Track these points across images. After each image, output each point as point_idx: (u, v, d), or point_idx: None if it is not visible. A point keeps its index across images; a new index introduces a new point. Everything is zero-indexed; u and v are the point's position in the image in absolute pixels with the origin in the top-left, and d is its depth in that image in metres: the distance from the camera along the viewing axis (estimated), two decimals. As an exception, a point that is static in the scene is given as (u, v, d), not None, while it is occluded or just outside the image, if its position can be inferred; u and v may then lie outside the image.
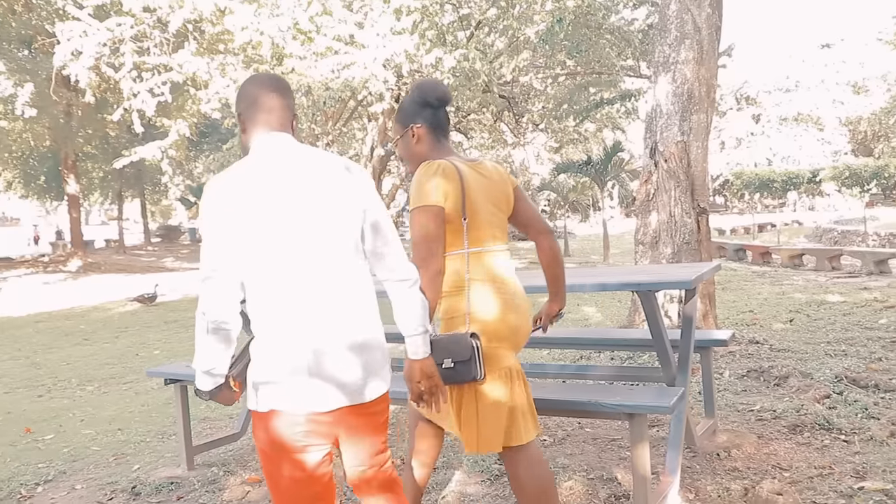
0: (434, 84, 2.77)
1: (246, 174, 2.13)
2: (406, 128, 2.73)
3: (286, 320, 2.08)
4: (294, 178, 2.14)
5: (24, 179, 35.67)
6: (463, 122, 23.28)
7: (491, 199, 2.68)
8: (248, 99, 2.27)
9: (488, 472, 3.98)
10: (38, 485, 4.36)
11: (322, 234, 2.13)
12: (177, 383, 4.30)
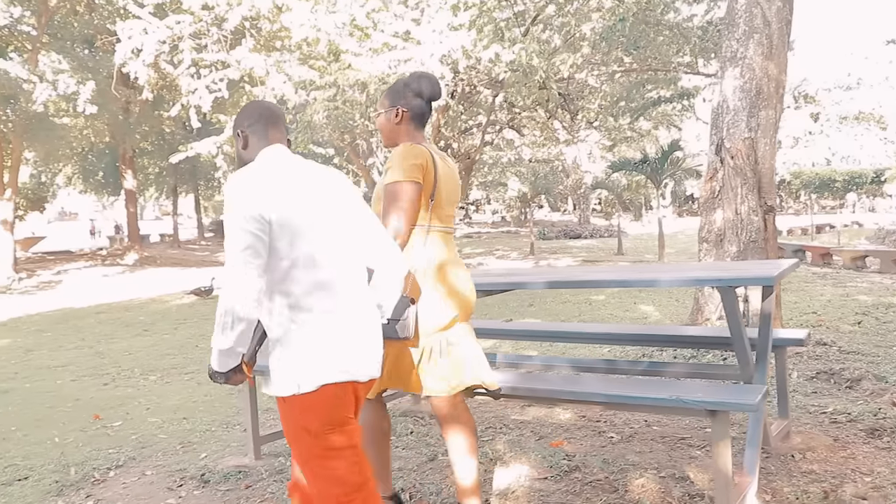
0: (431, 80, 3.06)
1: (269, 174, 2.36)
2: (393, 106, 3.04)
3: (323, 301, 2.30)
4: (308, 177, 2.42)
5: (83, 175, 36.46)
6: (516, 119, 23.20)
7: (452, 188, 3.05)
8: (255, 116, 2.54)
9: (557, 468, 3.94)
10: (110, 469, 4.42)
11: (337, 224, 2.42)
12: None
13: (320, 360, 2.27)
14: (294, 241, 2.28)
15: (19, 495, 4.07)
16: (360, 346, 2.37)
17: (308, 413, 2.26)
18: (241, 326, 2.20)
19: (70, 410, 5.99)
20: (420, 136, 3.05)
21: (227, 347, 2.23)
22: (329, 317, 2.30)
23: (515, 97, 14.27)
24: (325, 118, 13.91)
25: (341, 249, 2.41)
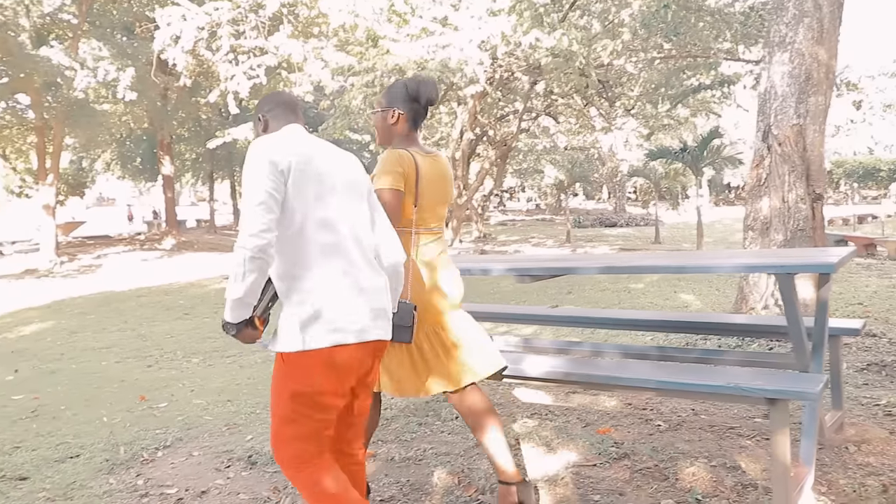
0: (429, 85, 3.14)
1: (289, 140, 2.46)
2: (390, 107, 3.13)
3: (333, 263, 2.38)
4: (326, 152, 2.52)
5: (121, 161, 36.90)
6: (553, 107, 23.07)
7: (438, 190, 3.12)
8: (275, 103, 2.67)
9: (606, 455, 3.91)
10: (158, 449, 4.47)
11: (351, 198, 2.52)
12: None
13: (326, 321, 2.32)
14: (309, 203, 2.37)
15: (72, 472, 4.13)
16: (368, 310, 2.41)
17: (304, 371, 2.33)
18: (253, 276, 2.25)
19: (116, 391, 6.07)
20: (413, 137, 3.16)
21: (239, 297, 2.28)
22: (338, 279, 2.37)
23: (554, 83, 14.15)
24: (363, 103, 13.88)
25: (354, 219, 2.50)
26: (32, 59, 17.62)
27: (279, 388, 2.40)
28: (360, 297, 2.39)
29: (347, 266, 2.40)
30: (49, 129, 21.13)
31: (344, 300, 2.35)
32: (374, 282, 2.48)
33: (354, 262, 2.42)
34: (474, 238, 24.90)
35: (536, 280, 3.83)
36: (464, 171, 22.05)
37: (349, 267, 2.40)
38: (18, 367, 7.29)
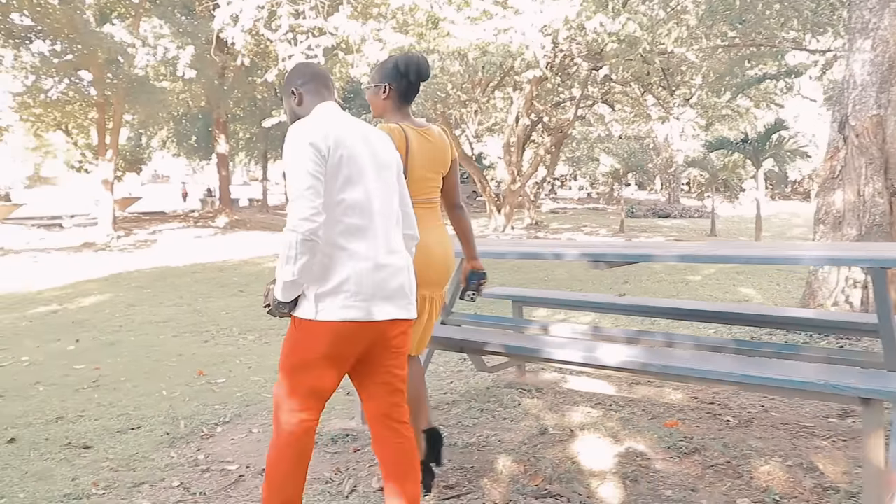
0: (419, 62, 3.22)
1: (326, 123, 2.53)
2: (381, 83, 3.23)
3: (358, 243, 2.50)
4: (360, 132, 2.61)
5: (177, 139, 37.37)
6: (609, 94, 22.74)
7: (430, 162, 3.20)
8: (309, 75, 2.73)
9: (676, 449, 3.80)
10: (217, 425, 4.46)
11: (382, 178, 2.62)
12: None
13: (339, 296, 2.46)
14: (344, 186, 2.49)
15: (134, 443, 4.13)
16: (384, 291, 2.53)
17: (312, 338, 2.49)
18: (304, 259, 2.37)
19: (175, 365, 6.09)
20: (404, 111, 3.26)
21: (292, 279, 2.40)
22: (359, 260, 2.49)
23: (616, 70, 13.89)
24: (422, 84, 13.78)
25: (382, 201, 2.61)
26: (97, 36, 17.87)
27: (289, 351, 2.58)
28: (377, 278, 2.52)
29: (370, 248, 2.52)
30: (110, 105, 21.42)
31: (360, 281, 2.48)
32: (396, 262, 2.60)
33: (377, 244, 2.55)
34: (526, 225, 24.73)
35: (612, 266, 3.71)
36: (518, 157, 21.85)
37: (371, 249, 2.52)
38: (79, 338, 7.37)
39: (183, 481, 3.58)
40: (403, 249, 2.69)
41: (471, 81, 19.01)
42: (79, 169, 31.70)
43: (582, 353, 3.33)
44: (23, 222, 26.42)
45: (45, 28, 19.64)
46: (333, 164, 2.46)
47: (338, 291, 2.46)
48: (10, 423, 4.61)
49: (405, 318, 2.63)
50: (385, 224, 2.60)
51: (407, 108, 3.27)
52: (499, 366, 5.19)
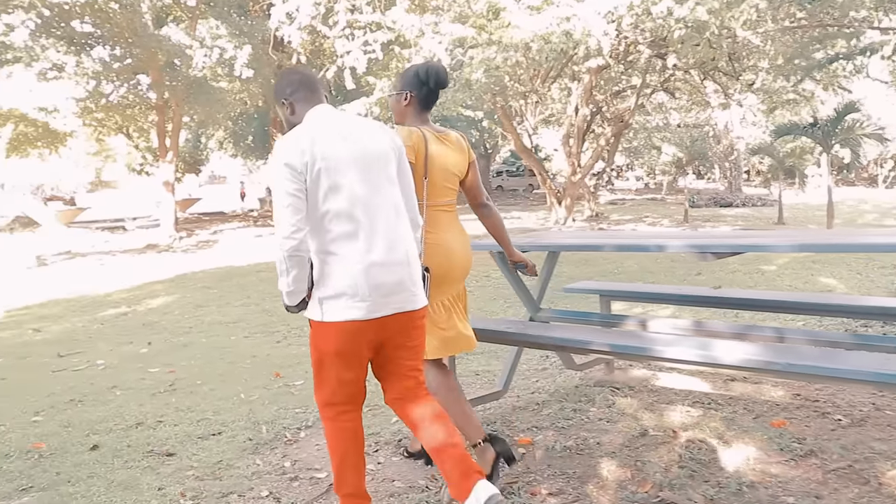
0: (439, 70, 3.36)
1: (308, 136, 2.65)
2: (403, 90, 3.37)
3: (351, 247, 2.65)
4: (350, 134, 2.73)
5: (233, 139, 37.73)
6: (669, 82, 22.25)
7: (448, 165, 3.34)
8: (296, 83, 2.87)
9: (789, 451, 3.54)
10: (300, 429, 4.32)
11: (372, 174, 2.73)
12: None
13: (339, 299, 2.63)
14: (328, 196, 2.62)
15: (217, 450, 4.01)
16: (384, 288, 2.67)
17: (323, 337, 2.71)
18: (294, 272, 2.61)
19: (250, 367, 5.98)
20: (423, 117, 3.41)
21: (289, 290, 2.66)
22: (354, 263, 2.64)
23: (683, 56, 13.46)
24: (484, 76, 13.55)
25: (376, 203, 2.72)
26: (156, 39, 18.02)
27: (311, 347, 2.82)
28: (373, 278, 2.65)
29: (361, 250, 2.66)
30: (169, 107, 21.63)
31: (356, 283, 2.63)
32: (394, 257, 2.72)
33: (373, 244, 2.68)
34: (586, 217, 24.33)
35: (719, 258, 3.46)
36: (578, 148, 21.48)
37: (363, 251, 2.66)
38: (151, 340, 7.33)
39: (272, 491, 3.44)
40: (405, 242, 2.80)
41: (528, 72, 18.73)
42: (139, 172, 32.18)
43: (696, 351, 3.08)
44: (87, 226, 26.94)
45: (105, 33, 19.90)
46: (313, 179, 2.61)
47: (339, 295, 2.64)
48: (90, 428, 4.53)
49: (409, 310, 2.77)
50: (378, 222, 2.72)
51: (426, 115, 3.43)
52: (588, 363, 4.97)
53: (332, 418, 2.85)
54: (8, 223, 27.75)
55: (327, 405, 2.85)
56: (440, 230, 3.30)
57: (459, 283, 3.42)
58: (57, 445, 4.24)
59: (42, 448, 4.21)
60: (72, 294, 11.24)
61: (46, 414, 4.95)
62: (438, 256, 3.21)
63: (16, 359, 6.86)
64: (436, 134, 3.36)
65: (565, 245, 4.23)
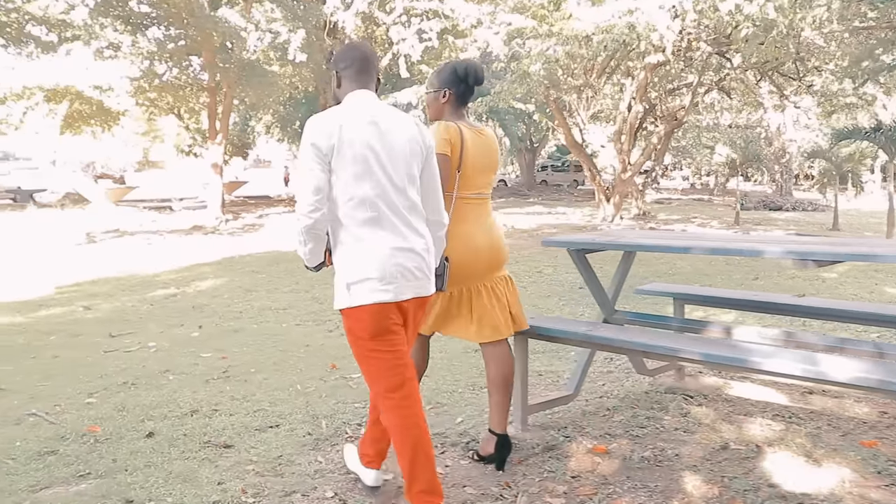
0: (476, 68, 3.47)
1: (341, 119, 2.72)
2: (441, 87, 3.46)
3: (374, 233, 2.73)
4: (375, 124, 2.76)
5: (281, 124, 37.78)
6: (725, 81, 21.79)
7: (483, 159, 3.43)
8: (349, 60, 2.90)
9: (888, 475, 3.32)
10: (361, 426, 4.15)
11: (398, 166, 2.78)
12: (521, 335, 3.88)
13: (366, 283, 2.71)
14: (354, 182, 2.70)
15: (276, 444, 3.86)
16: (406, 273, 2.76)
17: (357, 322, 2.77)
18: (311, 244, 2.75)
19: (304, 356, 5.84)
20: (459, 114, 3.50)
21: (307, 257, 2.82)
22: (379, 248, 2.72)
23: (747, 55, 13.05)
24: (543, 69, 13.29)
25: (397, 189, 2.78)
26: (212, 20, 18.01)
27: (349, 338, 2.87)
28: (397, 263, 2.74)
29: (388, 235, 2.74)
30: (220, 89, 21.64)
31: (382, 267, 2.71)
32: (414, 245, 2.80)
33: (396, 230, 2.76)
34: (633, 215, 23.92)
35: (820, 266, 3.23)
36: (629, 146, 21.11)
37: (389, 235, 2.74)
38: (202, 324, 7.24)
39: (337, 491, 3.28)
40: (423, 232, 2.88)
41: (583, 66, 18.41)
42: (188, 153, 32.36)
43: (801, 365, 2.85)
44: (134, 204, 27.14)
45: (161, 13, 19.97)
46: (339, 163, 2.68)
47: (364, 279, 2.71)
48: (145, 414, 4.42)
49: (424, 295, 2.89)
50: (397, 212, 2.78)
51: (462, 111, 3.52)
52: (659, 368, 4.76)
53: (396, 406, 2.84)
54: (59, 199, 28.10)
55: (385, 393, 2.86)
56: (467, 222, 3.40)
57: (489, 273, 3.50)
58: (112, 430, 4.13)
59: (97, 432, 4.10)
60: (121, 272, 11.22)
61: (100, 396, 4.86)
62: (460, 247, 3.31)
63: (68, 336, 6.80)
64: (471, 128, 3.45)
65: (647, 245, 4.00)
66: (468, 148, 3.34)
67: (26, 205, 26.38)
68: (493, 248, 3.47)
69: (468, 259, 3.35)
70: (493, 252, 3.47)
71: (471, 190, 3.41)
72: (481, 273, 3.45)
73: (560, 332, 3.85)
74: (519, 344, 3.90)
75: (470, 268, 3.38)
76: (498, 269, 3.53)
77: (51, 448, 3.87)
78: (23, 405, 4.70)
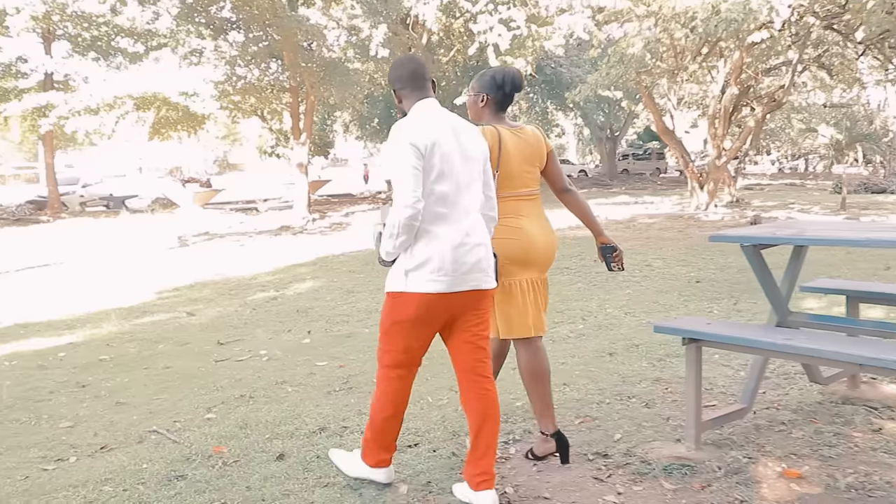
0: (517, 77, 3.55)
1: (425, 125, 2.92)
2: (481, 92, 3.58)
3: (440, 228, 2.91)
4: (452, 130, 2.98)
5: (359, 122, 37.78)
6: (824, 56, 20.74)
7: (524, 157, 3.51)
8: (404, 80, 3.09)
9: None
10: (508, 444, 3.77)
11: (468, 168, 3.00)
12: (695, 343, 3.43)
13: (424, 272, 2.89)
14: (437, 180, 2.89)
15: (421, 468, 3.50)
16: (465, 267, 2.93)
17: (403, 307, 2.97)
18: (403, 237, 2.88)
19: (427, 364, 5.21)
20: (499, 117, 3.59)
21: (392, 252, 2.95)
22: (443, 241, 2.90)
23: (873, 26, 12.17)
24: (644, 50, 12.68)
25: (466, 190, 2.99)
26: (296, 19, 17.91)
27: (384, 317, 3.11)
28: (456, 256, 2.91)
29: (453, 231, 2.93)
30: (302, 89, 21.57)
31: (443, 259, 2.89)
32: (474, 240, 2.98)
33: (461, 227, 2.95)
34: (726, 203, 23.00)
35: None
36: (724, 131, 20.24)
37: (455, 231, 2.93)
38: (310, 329, 6.97)
39: (504, 526, 2.89)
40: (482, 230, 3.06)
41: (673, 50, 17.68)
42: (270, 154, 32.55)
43: None
44: (220, 207, 27.40)
45: (244, 17, 20.01)
46: (430, 162, 2.88)
47: (423, 268, 2.90)
48: (271, 432, 4.11)
49: (483, 288, 3.04)
50: (466, 210, 2.99)
51: (501, 115, 3.60)
52: (834, 376, 4.23)
53: (388, 379, 3.18)
54: (148, 204, 28.57)
55: (391, 366, 3.15)
56: (512, 219, 3.45)
57: (538, 269, 3.54)
58: (239, 451, 3.84)
59: (224, 453, 3.81)
60: (217, 276, 11.11)
61: (219, 411, 4.59)
62: (505, 243, 3.38)
63: (176, 345, 6.62)
64: (510, 129, 3.54)
65: (841, 240, 3.50)
66: (507, 149, 3.45)
67: (119, 211, 26.88)
68: (547, 245, 3.54)
69: (520, 255, 3.44)
70: (547, 249, 3.55)
71: (516, 189, 3.50)
72: (534, 269, 3.51)
73: (735, 340, 3.37)
74: (691, 352, 3.45)
75: (523, 263, 3.46)
76: (543, 269, 3.57)
77: (179, 471, 3.59)
78: (143, 421, 4.48)
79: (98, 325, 7.67)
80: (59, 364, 6.07)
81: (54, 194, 26.45)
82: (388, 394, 3.17)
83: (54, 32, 24.70)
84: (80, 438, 4.24)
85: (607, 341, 5.87)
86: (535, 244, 3.46)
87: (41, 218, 24.24)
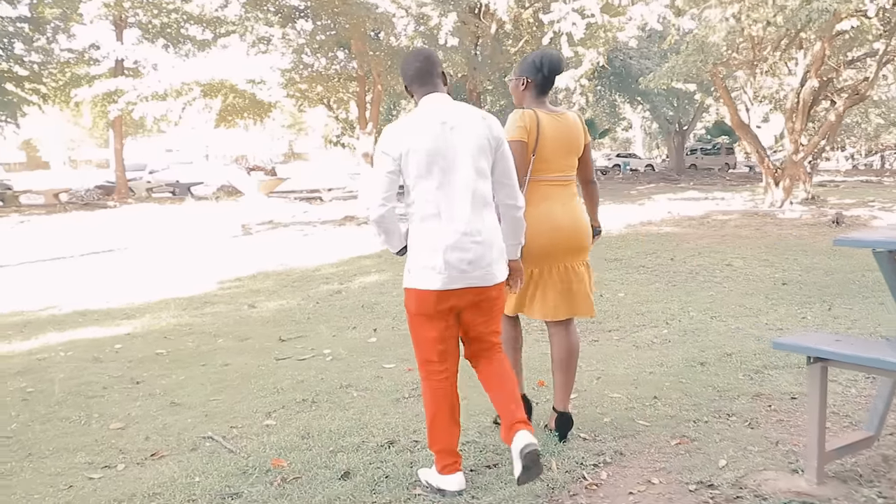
0: (555, 60, 3.63)
1: (411, 124, 3.06)
2: (521, 76, 3.66)
3: (438, 225, 3.01)
4: (442, 126, 3.03)
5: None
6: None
7: (562, 142, 3.60)
8: (409, 74, 3.20)
9: None
10: (598, 466, 3.37)
11: (464, 163, 3.02)
12: (820, 363, 2.98)
13: (421, 270, 3.01)
14: (419, 181, 2.99)
15: (500, 493, 3.10)
16: (460, 265, 2.98)
17: (409, 300, 3.12)
18: (382, 236, 3.13)
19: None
20: (540, 101, 3.65)
21: (384, 246, 3.24)
22: (437, 240, 2.98)
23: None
24: (726, 38, 12.05)
25: (463, 185, 3.01)
26: (365, 7, 17.68)
27: (407, 311, 3.18)
28: (453, 254, 2.97)
29: (446, 229, 2.98)
30: (369, 78, 21.35)
31: (435, 256, 2.97)
32: (474, 237, 3.00)
33: (456, 226, 2.98)
34: (801, 200, 22.08)
35: None
36: (802, 125, 19.36)
37: (448, 230, 2.98)
38: (376, 327, 6.66)
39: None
40: (488, 226, 3.07)
41: (749, 40, 16.93)
42: (336, 143, 32.49)
43: None
44: (285, 196, 27.42)
45: (312, 4, 19.85)
46: (406, 165, 2.97)
47: (420, 266, 3.00)
48: (334, 444, 3.77)
49: (483, 285, 3.05)
50: (463, 206, 3.00)
51: (543, 98, 3.66)
52: None
53: (426, 377, 3.19)
54: (213, 192, 28.75)
55: (423, 363, 3.19)
56: (547, 203, 3.55)
57: (571, 255, 3.62)
58: (300, 465, 3.50)
59: (283, 467, 3.49)
60: (280, 266, 10.88)
61: (279, 416, 4.29)
62: (538, 227, 3.47)
63: (236, 340, 6.37)
64: (550, 113, 3.59)
65: None
66: (545, 133, 3.51)
67: (184, 197, 27.10)
68: (575, 229, 3.60)
69: (545, 240, 3.51)
70: (575, 234, 3.60)
71: (552, 172, 3.58)
72: (560, 254, 3.59)
73: (874, 363, 2.90)
74: (815, 373, 3.00)
75: (547, 248, 3.53)
76: (579, 253, 3.65)
77: (234, 488, 3.28)
78: (197, 425, 4.21)
79: (157, 315, 7.48)
80: (115, 357, 5.86)
81: (122, 180, 26.79)
82: (428, 392, 3.19)
83: (126, 19, 24.94)
84: (130, 442, 3.99)
85: (696, 349, 5.40)
86: (561, 231, 3.55)
87: (108, 203, 24.55)
